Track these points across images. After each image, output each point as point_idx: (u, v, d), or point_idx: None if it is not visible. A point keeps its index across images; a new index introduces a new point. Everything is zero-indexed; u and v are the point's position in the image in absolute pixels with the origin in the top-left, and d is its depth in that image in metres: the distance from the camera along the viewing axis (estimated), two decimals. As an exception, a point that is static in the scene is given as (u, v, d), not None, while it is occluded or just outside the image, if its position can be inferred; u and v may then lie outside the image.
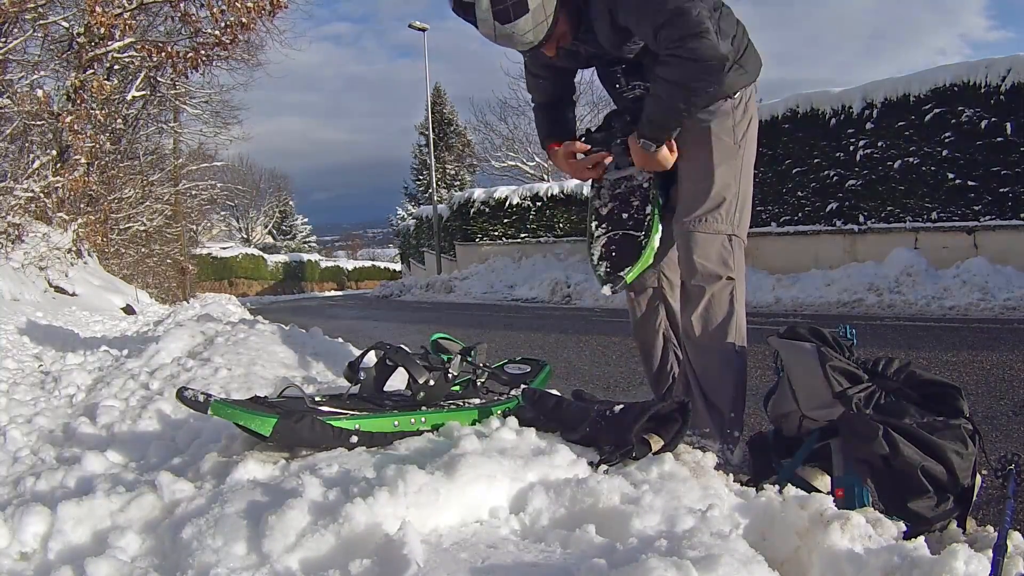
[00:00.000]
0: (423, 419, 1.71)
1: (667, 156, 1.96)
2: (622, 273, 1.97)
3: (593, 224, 2.16)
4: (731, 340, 1.94)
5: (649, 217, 2.04)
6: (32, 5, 8.51)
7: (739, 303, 1.96)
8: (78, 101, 9.04)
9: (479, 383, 2.10)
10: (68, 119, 8.58)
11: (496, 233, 18.66)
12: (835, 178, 10.61)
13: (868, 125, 10.11)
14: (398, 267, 33.41)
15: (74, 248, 9.07)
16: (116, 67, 11.25)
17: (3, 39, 8.62)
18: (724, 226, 1.94)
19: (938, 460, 1.44)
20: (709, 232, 1.93)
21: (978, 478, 1.55)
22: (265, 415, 1.51)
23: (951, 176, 9.27)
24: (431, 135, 24.65)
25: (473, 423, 1.77)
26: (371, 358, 1.99)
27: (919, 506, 1.43)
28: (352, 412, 1.65)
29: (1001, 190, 8.85)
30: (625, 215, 2.10)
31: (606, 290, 1.98)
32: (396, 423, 1.67)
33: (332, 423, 1.58)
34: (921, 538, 1.18)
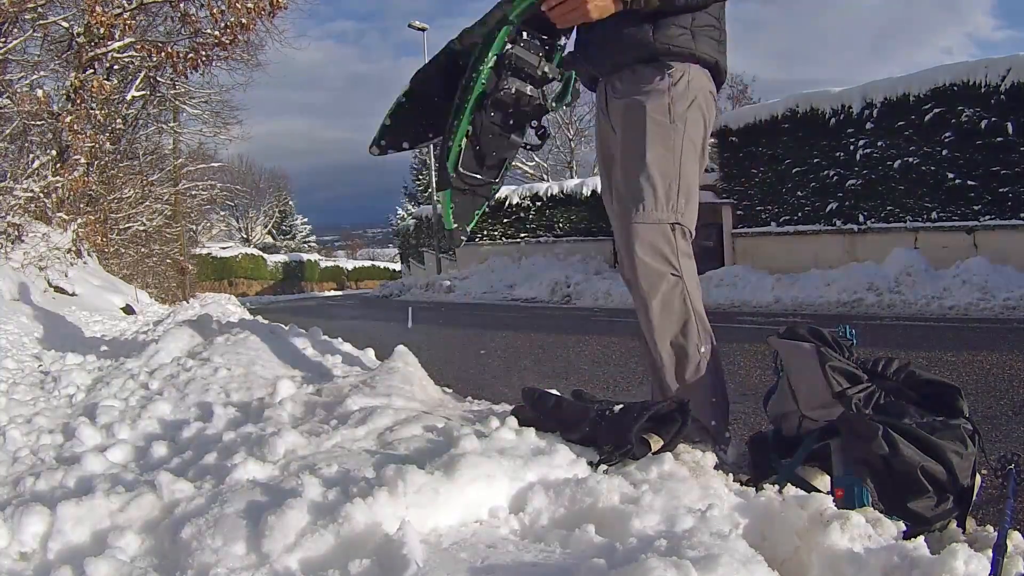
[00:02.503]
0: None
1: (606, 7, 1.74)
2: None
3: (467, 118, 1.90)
4: (695, 344, 1.79)
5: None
6: (32, 5, 8.50)
7: (695, 301, 1.80)
8: (78, 101, 9.04)
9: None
10: (68, 119, 8.57)
11: (496, 233, 18.66)
12: (835, 178, 10.62)
13: (868, 125, 10.12)
14: (398, 267, 33.41)
15: (74, 248, 9.06)
16: (116, 67, 11.24)
17: (3, 39, 8.62)
18: (665, 214, 1.77)
19: (938, 460, 1.44)
20: (648, 222, 1.77)
21: (978, 478, 1.55)
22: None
23: (951, 176, 9.28)
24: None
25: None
26: None
27: (919, 506, 1.43)
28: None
29: (1001, 190, 8.86)
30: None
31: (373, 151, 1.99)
32: None
33: None
34: (921, 538, 1.18)
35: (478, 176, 1.92)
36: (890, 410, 1.64)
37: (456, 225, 1.96)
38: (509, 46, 1.86)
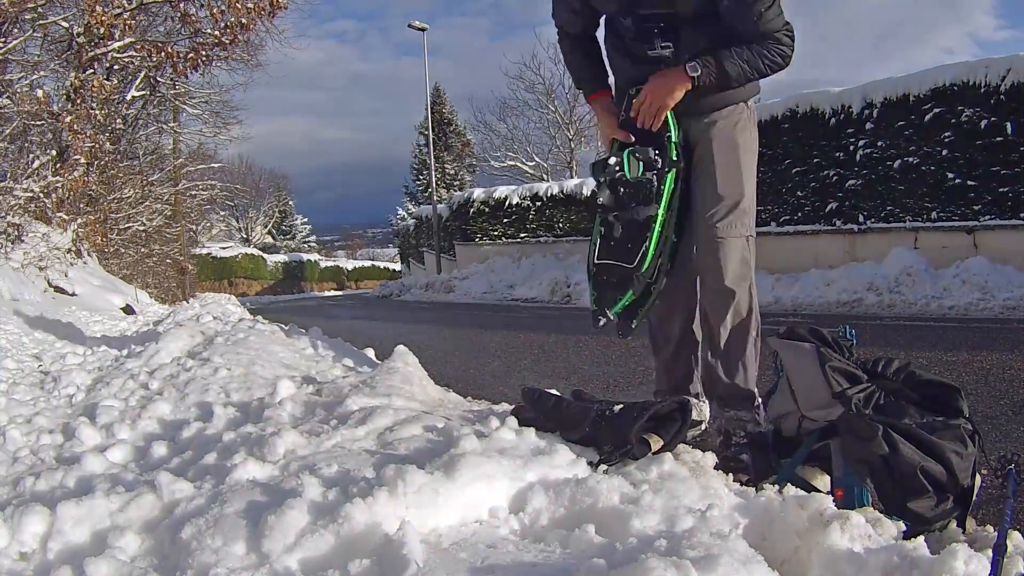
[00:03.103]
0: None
1: (684, 88, 1.95)
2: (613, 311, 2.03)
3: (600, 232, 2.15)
4: (754, 335, 2.07)
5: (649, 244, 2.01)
6: (32, 5, 8.50)
7: (756, 295, 2.11)
8: (78, 101, 9.03)
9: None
10: (68, 119, 8.57)
11: (496, 233, 18.66)
12: (835, 178, 10.61)
13: (868, 125, 10.11)
14: (398, 267, 33.43)
15: (74, 248, 9.06)
16: (116, 67, 11.24)
17: (3, 39, 8.61)
18: (745, 229, 2.08)
19: (938, 460, 1.44)
20: (735, 236, 2.06)
21: (978, 478, 1.55)
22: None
23: (951, 176, 9.27)
24: (431, 135, 24.67)
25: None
26: None
27: (919, 506, 1.43)
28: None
29: (1001, 190, 8.85)
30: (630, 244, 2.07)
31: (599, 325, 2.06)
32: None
33: None
34: (921, 538, 1.18)
35: (609, 261, 2.12)
36: (890, 410, 1.64)
37: (596, 308, 2.13)
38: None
